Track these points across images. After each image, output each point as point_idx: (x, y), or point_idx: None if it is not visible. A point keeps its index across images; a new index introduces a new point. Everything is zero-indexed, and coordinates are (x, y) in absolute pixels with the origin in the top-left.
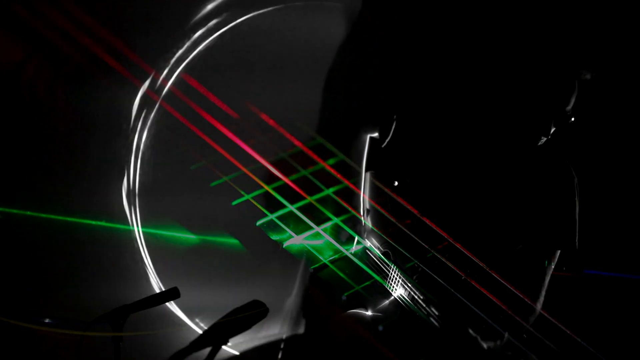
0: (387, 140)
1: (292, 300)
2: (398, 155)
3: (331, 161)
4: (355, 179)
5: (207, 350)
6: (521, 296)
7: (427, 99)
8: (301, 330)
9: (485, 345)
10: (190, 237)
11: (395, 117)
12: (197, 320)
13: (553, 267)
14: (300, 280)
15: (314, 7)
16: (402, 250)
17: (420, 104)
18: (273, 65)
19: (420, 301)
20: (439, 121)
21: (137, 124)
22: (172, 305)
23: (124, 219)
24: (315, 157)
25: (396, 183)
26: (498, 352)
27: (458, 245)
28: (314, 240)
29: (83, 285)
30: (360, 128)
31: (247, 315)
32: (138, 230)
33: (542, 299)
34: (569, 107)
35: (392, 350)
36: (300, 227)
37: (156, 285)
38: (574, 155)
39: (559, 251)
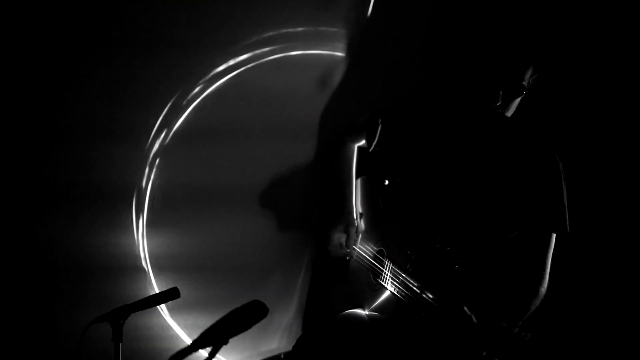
0: (374, 143)
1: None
2: (386, 156)
3: None
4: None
5: (207, 350)
6: (519, 281)
7: (406, 98)
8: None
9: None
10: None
11: (380, 121)
12: (196, 320)
13: (552, 250)
14: (302, 282)
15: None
16: (395, 243)
17: (402, 104)
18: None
19: (415, 288)
20: (420, 116)
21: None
22: (171, 306)
23: (125, 218)
24: None
25: (387, 182)
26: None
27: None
28: None
29: (83, 284)
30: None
31: (247, 315)
32: (142, 229)
33: (545, 282)
34: (522, 77)
35: (390, 346)
36: None
37: (156, 285)
38: (558, 145)
39: (554, 235)
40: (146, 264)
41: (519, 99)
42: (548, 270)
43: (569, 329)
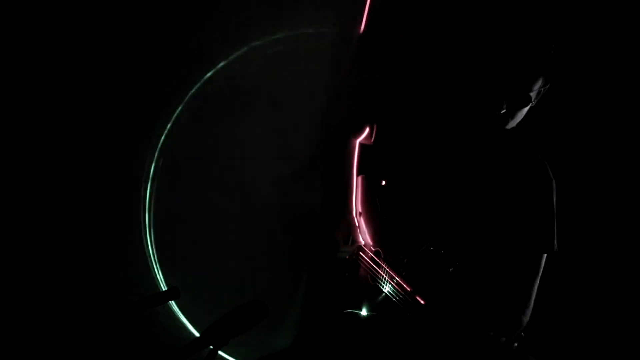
0: (372, 142)
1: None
2: (383, 156)
3: None
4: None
5: (207, 350)
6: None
7: (403, 101)
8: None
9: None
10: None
11: (375, 122)
12: (196, 319)
13: (541, 271)
14: (306, 283)
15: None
16: (391, 245)
17: (398, 106)
18: (272, 94)
19: (408, 292)
20: (418, 118)
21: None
22: (172, 305)
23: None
24: None
25: (384, 182)
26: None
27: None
28: None
29: (83, 284)
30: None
31: (247, 315)
32: (148, 229)
33: (530, 308)
34: (530, 88)
35: (384, 346)
36: None
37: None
38: (552, 154)
39: (545, 255)
40: (153, 262)
41: (525, 109)
42: (533, 297)
43: (557, 339)
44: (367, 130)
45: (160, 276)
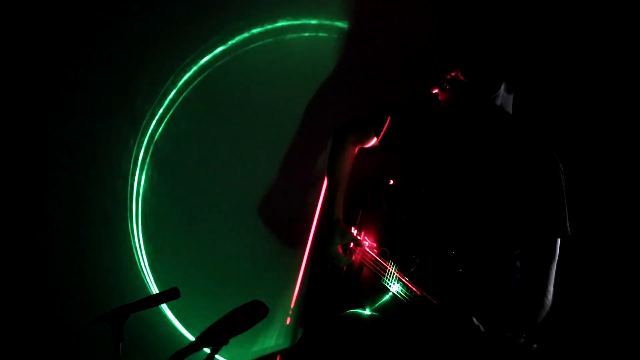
0: (380, 140)
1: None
2: (392, 155)
3: None
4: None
5: (207, 350)
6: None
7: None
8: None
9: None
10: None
11: (389, 119)
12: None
13: (557, 257)
14: (301, 281)
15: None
16: (399, 245)
17: (411, 102)
18: (270, 89)
19: (418, 292)
20: (428, 117)
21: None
22: (172, 305)
23: (124, 219)
24: None
25: (391, 182)
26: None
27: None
28: None
29: (83, 285)
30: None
31: (247, 315)
32: (138, 230)
33: (550, 293)
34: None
35: (391, 347)
36: None
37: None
38: (558, 146)
39: (559, 240)
40: (144, 264)
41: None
42: (552, 279)
43: (574, 338)
44: (371, 131)
45: (150, 279)
